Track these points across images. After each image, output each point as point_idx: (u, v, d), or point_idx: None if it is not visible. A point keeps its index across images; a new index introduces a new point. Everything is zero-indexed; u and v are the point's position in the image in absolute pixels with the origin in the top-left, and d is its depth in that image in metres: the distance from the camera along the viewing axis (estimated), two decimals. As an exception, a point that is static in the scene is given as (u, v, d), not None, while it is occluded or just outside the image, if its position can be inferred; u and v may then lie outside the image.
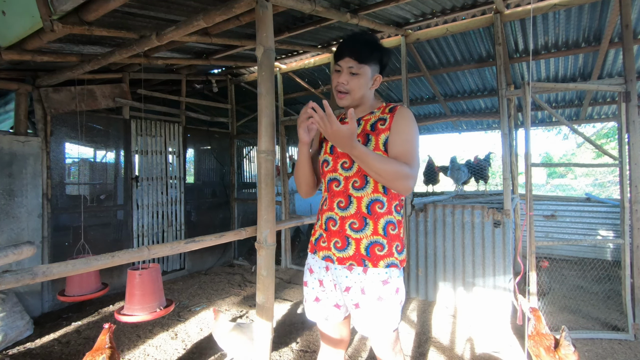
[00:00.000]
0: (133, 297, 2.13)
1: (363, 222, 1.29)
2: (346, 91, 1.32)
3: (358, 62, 1.29)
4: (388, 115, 1.35)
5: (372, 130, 1.33)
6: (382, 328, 1.30)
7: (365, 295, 1.28)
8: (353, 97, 1.33)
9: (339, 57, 1.32)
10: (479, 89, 5.00)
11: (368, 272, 1.28)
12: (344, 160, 1.34)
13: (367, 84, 1.34)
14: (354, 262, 1.29)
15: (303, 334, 2.87)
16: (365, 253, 1.28)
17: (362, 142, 1.32)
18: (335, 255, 1.32)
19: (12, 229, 3.14)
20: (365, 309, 1.29)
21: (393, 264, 1.29)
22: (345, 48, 1.31)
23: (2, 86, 3.28)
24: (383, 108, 1.39)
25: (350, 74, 1.31)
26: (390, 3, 2.74)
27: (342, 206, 1.32)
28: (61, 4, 1.87)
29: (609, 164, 2.93)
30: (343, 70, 1.31)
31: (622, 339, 2.67)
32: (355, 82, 1.31)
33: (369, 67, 1.32)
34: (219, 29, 2.83)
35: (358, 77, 1.31)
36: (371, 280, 1.28)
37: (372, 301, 1.28)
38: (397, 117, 1.32)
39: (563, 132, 12.65)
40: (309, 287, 1.45)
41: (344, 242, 1.31)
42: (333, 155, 1.38)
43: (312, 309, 1.44)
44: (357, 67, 1.30)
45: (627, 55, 2.72)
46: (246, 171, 6.55)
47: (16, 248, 1.06)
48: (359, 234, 1.29)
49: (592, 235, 4.90)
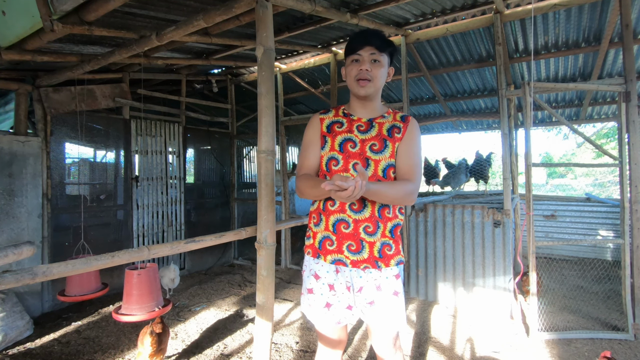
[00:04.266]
0: (131, 296, 2.13)
1: (376, 225, 1.31)
2: (369, 78, 1.32)
3: (379, 50, 1.31)
4: (401, 124, 1.37)
5: (390, 137, 1.34)
6: (396, 321, 1.34)
7: (381, 291, 1.32)
8: (375, 85, 1.34)
9: (358, 47, 1.32)
10: (479, 89, 4.99)
11: (382, 270, 1.32)
12: (355, 161, 1.32)
13: (385, 75, 1.36)
14: (369, 264, 1.31)
15: (303, 334, 2.87)
16: (378, 255, 1.31)
17: (379, 146, 1.33)
18: (349, 259, 1.31)
19: (12, 229, 3.14)
20: (381, 305, 1.32)
21: (401, 261, 1.36)
22: (365, 38, 1.32)
23: (2, 86, 3.28)
24: (393, 114, 1.40)
25: (372, 61, 1.31)
26: (390, 3, 2.74)
27: (356, 209, 1.31)
28: (61, 4, 1.87)
29: (609, 164, 2.93)
30: (364, 58, 1.31)
31: (622, 339, 2.67)
32: (378, 70, 1.32)
33: (387, 56, 1.35)
34: (219, 29, 2.83)
35: (380, 64, 1.32)
36: (386, 275, 1.32)
37: (389, 296, 1.32)
38: (411, 128, 1.36)
39: (563, 132, 12.66)
40: (315, 294, 1.38)
41: (358, 246, 1.31)
42: (343, 154, 1.34)
43: (322, 316, 1.38)
44: (378, 54, 1.31)
45: (627, 55, 2.72)
46: (246, 171, 6.55)
47: (16, 248, 1.05)
48: (373, 237, 1.31)
49: (592, 235, 4.90)
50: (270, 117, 1.85)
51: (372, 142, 1.33)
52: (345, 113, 1.43)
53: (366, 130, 1.36)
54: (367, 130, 1.36)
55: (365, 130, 1.37)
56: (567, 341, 2.66)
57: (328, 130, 1.40)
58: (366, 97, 1.35)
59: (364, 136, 1.35)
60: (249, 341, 2.76)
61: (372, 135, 1.34)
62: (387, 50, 1.34)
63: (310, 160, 1.41)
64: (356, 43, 1.33)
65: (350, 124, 1.39)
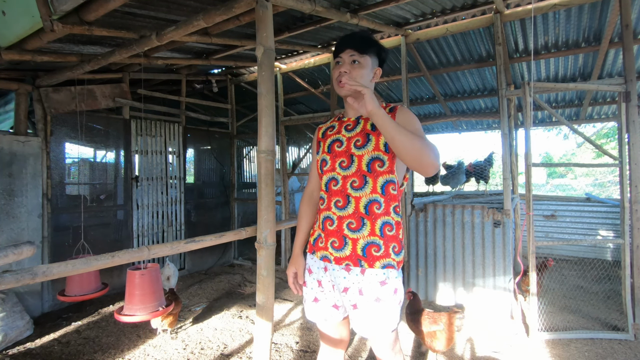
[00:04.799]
0: (133, 297, 2.12)
1: (360, 222, 1.29)
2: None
3: (359, 52, 1.33)
4: (389, 115, 1.34)
5: (373, 130, 1.33)
6: (380, 329, 1.30)
7: (363, 296, 1.28)
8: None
9: (340, 50, 1.36)
10: (479, 89, 4.99)
11: (366, 272, 1.28)
12: (342, 160, 1.34)
13: (369, 75, 1.37)
14: (351, 262, 1.29)
15: (303, 334, 2.87)
16: (362, 253, 1.28)
17: (361, 141, 1.32)
18: (332, 255, 1.32)
19: (12, 229, 3.14)
20: (363, 310, 1.29)
21: (389, 265, 1.28)
22: (346, 41, 1.35)
23: (2, 86, 3.28)
24: (383, 108, 1.39)
25: (352, 62, 1.33)
26: (390, 3, 2.74)
27: (340, 206, 1.32)
28: (61, 4, 1.87)
29: (609, 164, 2.93)
30: (345, 61, 1.34)
31: (622, 339, 2.67)
32: (357, 71, 1.33)
33: (369, 57, 1.36)
34: (219, 29, 2.83)
35: (360, 65, 1.33)
36: (369, 281, 1.27)
37: (370, 302, 1.27)
38: (399, 114, 1.35)
39: (563, 132, 12.65)
40: (308, 287, 1.45)
41: (341, 242, 1.31)
42: (331, 155, 1.38)
43: (311, 310, 1.44)
44: (358, 56, 1.33)
45: (627, 55, 2.72)
46: (246, 171, 6.55)
47: (16, 248, 1.05)
48: (356, 234, 1.29)
49: (592, 235, 4.90)
50: (270, 117, 1.85)
51: (356, 139, 1.34)
52: (340, 117, 1.49)
53: (352, 128, 1.39)
54: (353, 128, 1.39)
55: (351, 128, 1.39)
56: (567, 341, 2.66)
57: (322, 136, 1.48)
58: (346, 97, 1.36)
59: (350, 134, 1.37)
60: (249, 341, 2.76)
61: (357, 132, 1.36)
62: (369, 51, 1.35)
63: (313, 172, 1.51)
64: (338, 46, 1.37)
65: (340, 126, 1.44)
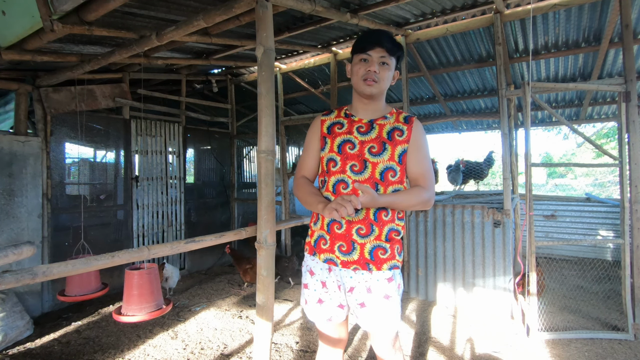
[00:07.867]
0: (131, 297, 2.12)
1: (370, 228, 1.30)
2: (376, 80, 1.32)
3: (389, 54, 1.31)
4: (405, 126, 1.35)
5: (389, 140, 1.32)
6: (389, 324, 1.33)
7: (372, 294, 1.30)
8: (380, 87, 1.33)
9: (369, 47, 1.31)
10: (479, 89, 4.99)
11: (373, 272, 1.30)
12: (353, 163, 1.32)
13: (391, 77, 1.36)
14: (359, 266, 1.31)
15: (303, 334, 2.87)
16: (369, 257, 1.30)
17: (377, 149, 1.32)
18: (339, 259, 1.32)
19: (12, 229, 3.14)
20: (372, 307, 1.31)
21: (395, 265, 1.33)
22: (376, 39, 1.31)
23: (2, 86, 3.28)
24: (396, 115, 1.38)
25: (381, 63, 1.32)
26: (390, 3, 2.74)
27: None
28: (61, 4, 1.87)
29: (609, 164, 2.93)
30: (373, 59, 1.31)
31: (622, 339, 2.67)
32: (385, 73, 1.32)
33: (395, 60, 1.35)
34: (219, 29, 2.83)
35: (387, 68, 1.33)
36: (377, 278, 1.30)
37: (379, 299, 1.30)
38: (415, 131, 1.34)
39: (563, 132, 12.65)
40: (310, 289, 1.43)
41: (349, 247, 1.31)
42: (342, 156, 1.35)
43: (315, 311, 1.43)
44: (388, 57, 1.32)
45: (627, 55, 2.72)
46: (246, 171, 6.55)
47: (16, 248, 1.05)
48: (364, 239, 1.30)
49: (592, 235, 4.90)
50: (270, 117, 1.85)
51: (371, 145, 1.32)
52: (347, 114, 1.43)
53: (366, 132, 1.35)
54: (367, 132, 1.35)
55: (365, 131, 1.36)
56: (567, 341, 2.66)
57: (328, 132, 1.41)
58: (371, 96, 1.34)
59: (364, 138, 1.34)
60: (249, 341, 2.76)
61: (372, 138, 1.34)
62: (397, 54, 1.34)
63: (308, 162, 1.45)
64: (367, 42, 1.32)
65: (350, 125, 1.39)
